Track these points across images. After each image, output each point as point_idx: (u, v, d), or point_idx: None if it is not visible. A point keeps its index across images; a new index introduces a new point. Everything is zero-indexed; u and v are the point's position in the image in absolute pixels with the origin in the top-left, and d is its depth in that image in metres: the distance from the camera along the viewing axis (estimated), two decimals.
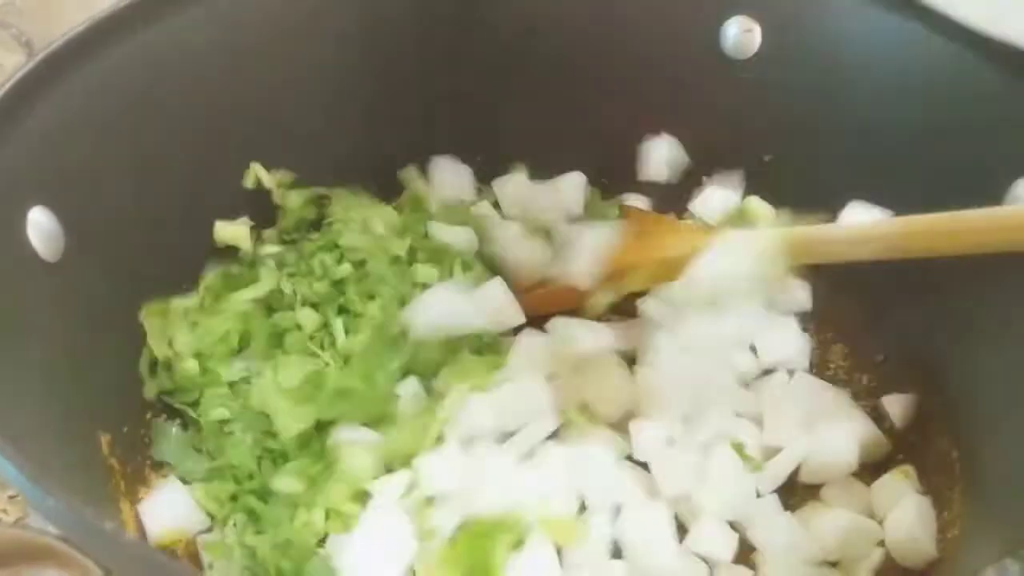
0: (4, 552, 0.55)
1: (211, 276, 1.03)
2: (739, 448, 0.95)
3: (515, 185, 1.19)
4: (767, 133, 1.10)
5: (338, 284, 1.03)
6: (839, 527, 0.91)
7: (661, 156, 1.15)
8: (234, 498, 0.91)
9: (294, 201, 1.08)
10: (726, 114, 1.11)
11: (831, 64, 1.03)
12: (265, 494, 0.90)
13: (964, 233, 0.84)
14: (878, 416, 1.02)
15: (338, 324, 1.01)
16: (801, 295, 1.10)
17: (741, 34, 1.07)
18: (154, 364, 0.95)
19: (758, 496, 0.95)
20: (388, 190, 1.15)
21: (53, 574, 0.57)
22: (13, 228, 0.76)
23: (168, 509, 0.88)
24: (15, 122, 0.76)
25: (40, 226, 0.78)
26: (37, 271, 0.78)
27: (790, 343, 1.08)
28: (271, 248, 1.07)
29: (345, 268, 1.04)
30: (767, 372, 1.07)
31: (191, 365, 0.96)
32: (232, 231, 1.03)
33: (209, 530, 0.91)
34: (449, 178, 1.15)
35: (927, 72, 0.96)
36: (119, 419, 0.89)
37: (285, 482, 0.90)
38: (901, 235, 0.87)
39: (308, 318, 1.02)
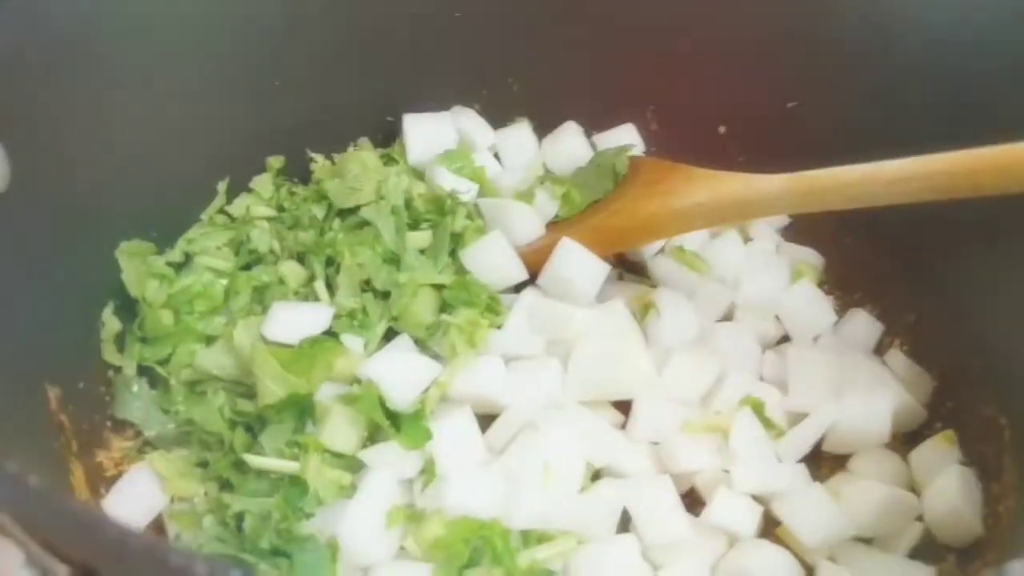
0: None
1: (194, 233, 0.95)
2: (759, 408, 0.87)
3: (517, 136, 1.10)
4: (791, 79, 1.01)
5: (326, 235, 0.94)
6: (874, 500, 0.82)
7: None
8: (203, 465, 0.82)
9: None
10: (746, 60, 1.02)
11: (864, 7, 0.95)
12: (240, 463, 0.81)
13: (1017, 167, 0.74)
14: (911, 381, 0.93)
15: (320, 282, 0.92)
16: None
17: None
18: (120, 312, 0.86)
19: (780, 465, 0.86)
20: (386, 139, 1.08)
21: None
22: None
23: (137, 502, 0.80)
24: None
25: None
26: None
27: (813, 307, 1.00)
28: (263, 210, 0.99)
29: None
30: (786, 339, 0.99)
31: (165, 315, 0.87)
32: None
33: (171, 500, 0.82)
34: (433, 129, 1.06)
35: (969, 17, 0.88)
36: (74, 371, 0.80)
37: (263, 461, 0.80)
38: (944, 172, 0.77)
39: (292, 271, 0.93)
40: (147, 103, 0.86)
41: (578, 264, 0.93)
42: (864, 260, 1.02)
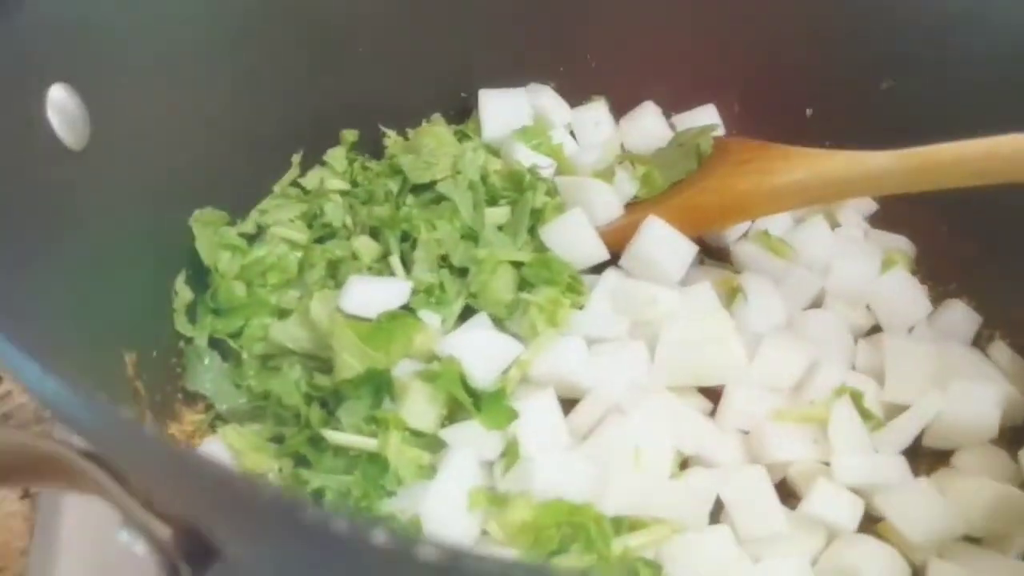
0: (8, 462, 0.43)
1: (267, 204, 0.92)
2: (858, 398, 0.82)
3: (594, 114, 1.06)
4: (887, 56, 0.97)
5: (401, 210, 0.91)
6: (983, 498, 0.77)
7: None
8: (277, 440, 0.79)
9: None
10: (839, 37, 0.98)
11: None
12: (317, 439, 0.77)
13: None
14: (1017, 375, 0.88)
15: (396, 257, 0.88)
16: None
17: None
18: (192, 282, 0.84)
19: (883, 457, 0.81)
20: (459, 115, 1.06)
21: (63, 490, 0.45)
22: (31, 108, 0.65)
23: None
24: None
25: (61, 107, 0.67)
26: (59, 158, 0.67)
27: (907, 296, 0.95)
28: (337, 183, 0.96)
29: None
30: (876, 329, 0.94)
31: (237, 287, 0.84)
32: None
33: None
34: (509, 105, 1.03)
35: None
36: (148, 340, 0.77)
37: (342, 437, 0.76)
38: None
39: (366, 247, 0.89)
40: (228, 69, 0.83)
41: (665, 243, 0.89)
42: (960, 250, 0.97)
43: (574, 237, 0.91)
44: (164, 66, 0.77)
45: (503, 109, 1.02)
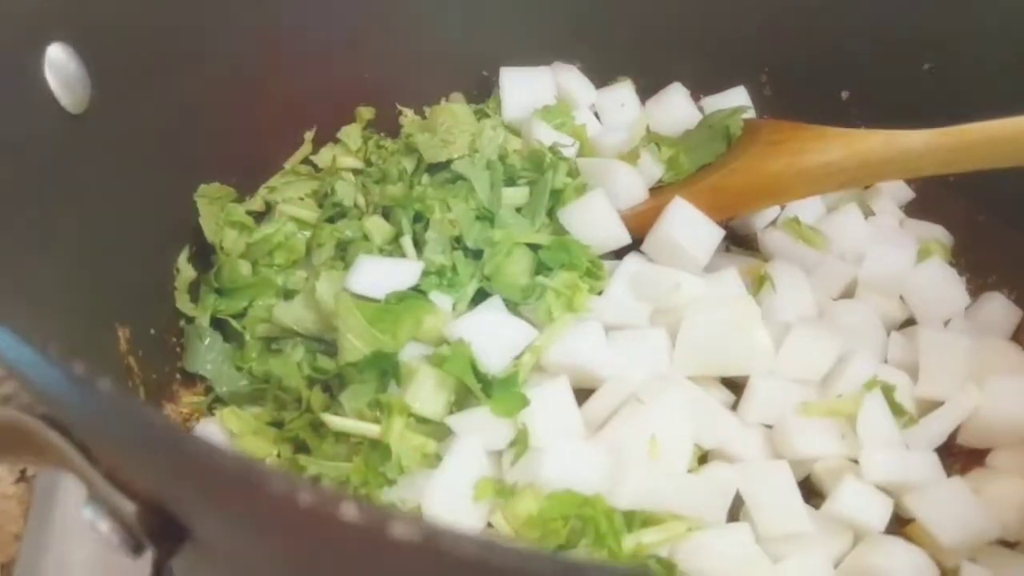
0: None
1: (276, 181, 0.90)
2: (889, 392, 0.78)
3: (620, 95, 1.03)
4: (928, 37, 0.92)
5: (415, 189, 0.88)
6: (1021, 501, 0.73)
7: None
8: (277, 424, 0.76)
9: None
10: (878, 16, 0.95)
11: None
12: (317, 424, 0.74)
13: None
14: None
15: (407, 238, 0.85)
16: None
17: None
18: (195, 260, 0.81)
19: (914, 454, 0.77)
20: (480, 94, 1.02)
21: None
22: (28, 67, 0.62)
23: None
24: None
25: (59, 67, 0.64)
26: (58, 120, 0.64)
27: (943, 287, 0.90)
28: (350, 161, 0.93)
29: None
30: (910, 322, 0.90)
31: (242, 266, 0.81)
32: None
33: None
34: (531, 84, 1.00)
35: None
36: (145, 316, 0.75)
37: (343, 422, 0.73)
38: None
39: (377, 227, 0.86)
40: (239, 38, 0.80)
41: (690, 226, 0.85)
42: (1000, 240, 0.93)
43: (595, 220, 0.87)
44: (170, 29, 0.74)
45: (525, 88, 0.99)
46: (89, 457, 0.38)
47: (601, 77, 1.05)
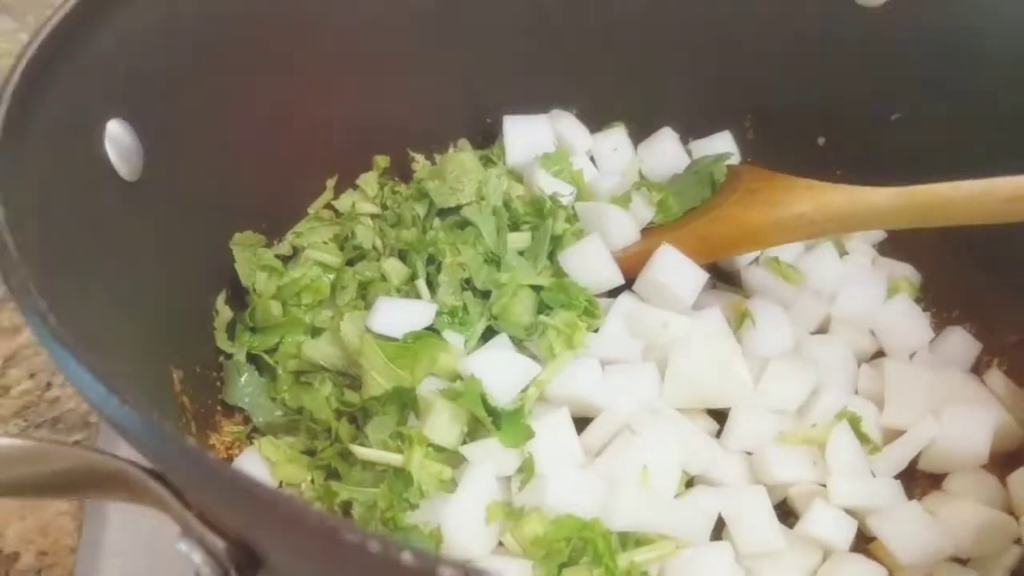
0: (73, 478, 0.49)
1: (302, 227, 0.98)
2: (856, 423, 0.87)
3: (614, 140, 1.11)
4: (896, 90, 1.01)
5: (427, 233, 0.96)
6: (971, 521, 0.82)
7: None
8: (310, 452, 0.85)
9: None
10: (847, 78, 1.03)
11: (971, 12, 0.94)
12: (346, 453, 0.83)
13: None
14: (1012, 402, 0.92)
15: (422, 280, 0.93)
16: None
17: None
18: (232, 301, 0.90)
19: (877, 480, 0.86)
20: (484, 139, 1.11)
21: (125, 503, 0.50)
22: (92, 142, 0.71)
23: None
24: (92, 29, 0.70)
25: (118, 141, 0.73)
26: (116, 189, 0.72)
27: (910, 323, 0.99)
28: (368, 207, 1.01)
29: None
30: (880, 354, 0.99)
31: (274, 306, 0.90)
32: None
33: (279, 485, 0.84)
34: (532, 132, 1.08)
35: None
36: (192, 357, 0.84)
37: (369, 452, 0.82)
38: None
39: (394, 268, 0.95)
40: (267, 102, 0.89)
41: (677, 271, 0.94)
42: (964, 278, 1.01)
43: (591, 263, 0.96)
44: (210, 102, 0.82)
45: (526, 135, 1.07)
46: (183, 501, 0.47)
47: (596, 121, 1.13)
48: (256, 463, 0.83)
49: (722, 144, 1.11)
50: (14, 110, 0.58)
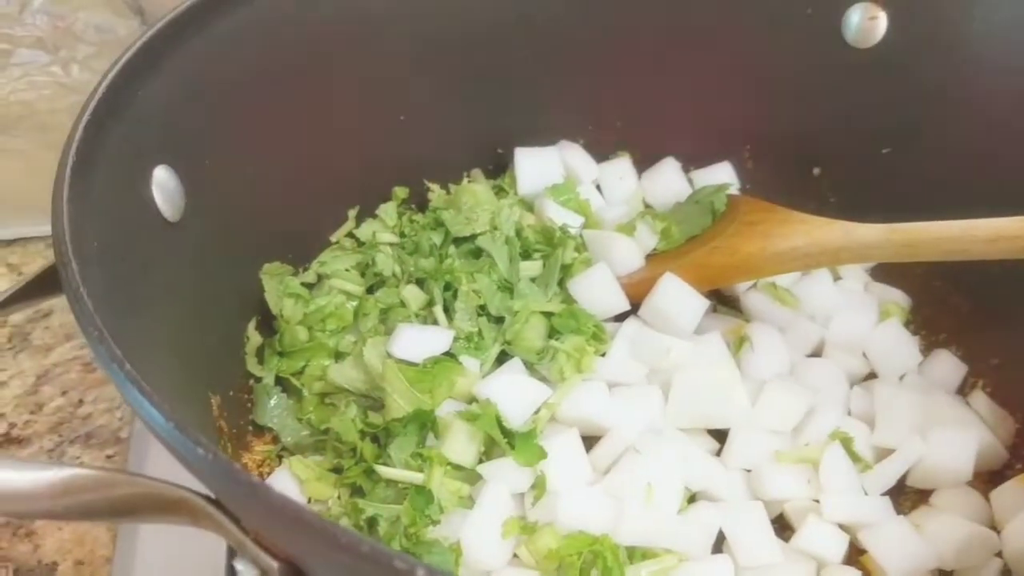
0: (137, 503, 0.54)
1: (326, 256, 1.04)
2: (848, 443, 0.92)
3: (619, 169, 1.17)
4: (887, 126, 1.07)
5: (444, 262, 1.02)
6: (956, 535, 0.87)
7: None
8: (336, 470, 0.90)
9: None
10: (841, 112, 1.08)
11: (966, 63, 1.00)
12: (370, 471, 0.89)
13: None
14: (994, 423, 0.98)
15: (439, 307, 0.99)
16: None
17: (865, 21, 1.03)
18: (261, 327, 0.96)
19: (867, 497, 0.91)
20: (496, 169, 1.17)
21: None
22: (139, 186, 0.76)
23: None
24: (142, 83, 0.76)
25: (163, 185, 0.78)
26: (161, 230, 0.78)
27: (900, 346, 1.05)
28: (387, 236, 1.07)
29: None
30: (872, 375, 1.04)
31: (300, 331, 0.96)
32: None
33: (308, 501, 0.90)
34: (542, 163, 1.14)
35: None
36: (226, 382, 0.89)
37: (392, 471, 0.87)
38: None
39: (413, 295, 1.00)
40: (294, 143, 0.94)
41: (679, 299, 1.00)
42: (951, 303, 1.07)
43: (598, 291, 1.02)
44: (244, 147, 0.88)
45: (536, 167, 1.13)
46: (240, 527, 0.53)
47: (602, 152, 1.19)
48: (288, 481, 0.89)
49: (722, 173, 1.16)
50: (78, 166, 0.64)
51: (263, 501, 0.46)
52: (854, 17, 1.04)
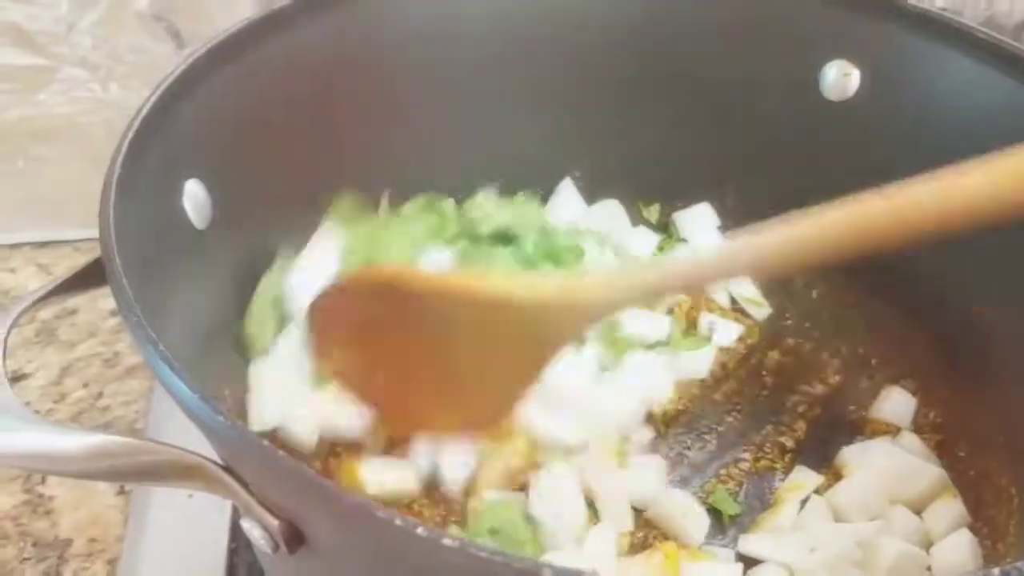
0: (159, 468, 0.64)
1: None
2: None
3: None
4: (859, 179, 1.14)
5: None
6: (887, 553, 0.93)
7: None
8: None
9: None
10: (818, 157, 1.15)
11: (931, 115, 1.06)
12: None
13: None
14: (939, 449, 1.06)
15: None
16: None
17: (840, 77, 1.11)
18: None
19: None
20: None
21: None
22: (173, 197, 0.85)
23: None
24: (180, 104, 0.86)
25: (193, 196, 0.87)
26: (189, 235, 0.87)
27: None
28: None
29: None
30: None
31: None
32: None
33: None
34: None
35: None
36: (238, 379, 0.96)
37: None
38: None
39: None
40: (318, 159, 1.03)
41: None
42: (902, 338, 1.14)
43: None
44: (266, 163, 0.97)
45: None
46: (246, 488, 0.62)
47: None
48: None
49: (702, 213, 1.24)
50: (121, 178, 0.73)
51: (270, 462, 0.55)
52: (830, 73, 1.12)
